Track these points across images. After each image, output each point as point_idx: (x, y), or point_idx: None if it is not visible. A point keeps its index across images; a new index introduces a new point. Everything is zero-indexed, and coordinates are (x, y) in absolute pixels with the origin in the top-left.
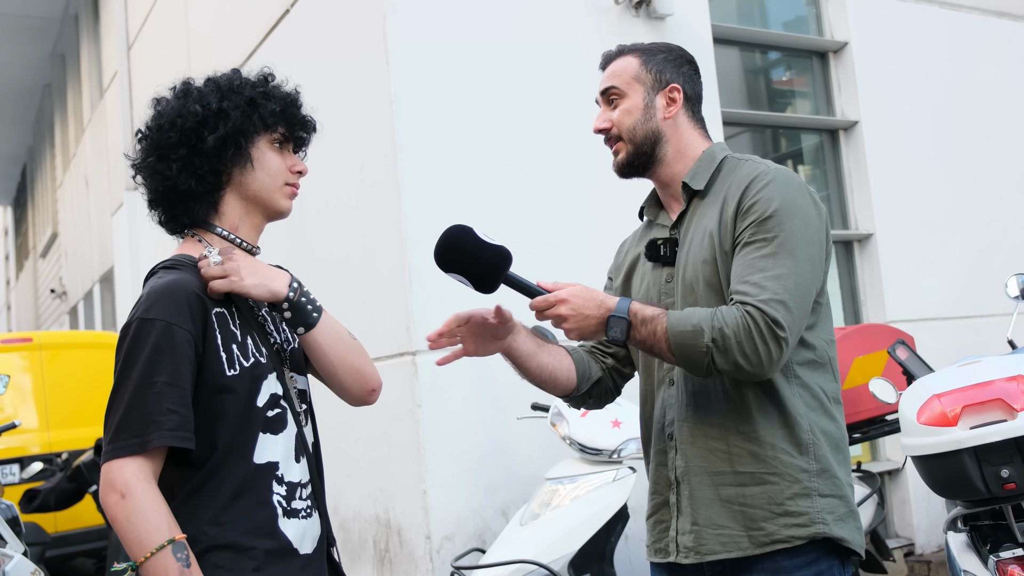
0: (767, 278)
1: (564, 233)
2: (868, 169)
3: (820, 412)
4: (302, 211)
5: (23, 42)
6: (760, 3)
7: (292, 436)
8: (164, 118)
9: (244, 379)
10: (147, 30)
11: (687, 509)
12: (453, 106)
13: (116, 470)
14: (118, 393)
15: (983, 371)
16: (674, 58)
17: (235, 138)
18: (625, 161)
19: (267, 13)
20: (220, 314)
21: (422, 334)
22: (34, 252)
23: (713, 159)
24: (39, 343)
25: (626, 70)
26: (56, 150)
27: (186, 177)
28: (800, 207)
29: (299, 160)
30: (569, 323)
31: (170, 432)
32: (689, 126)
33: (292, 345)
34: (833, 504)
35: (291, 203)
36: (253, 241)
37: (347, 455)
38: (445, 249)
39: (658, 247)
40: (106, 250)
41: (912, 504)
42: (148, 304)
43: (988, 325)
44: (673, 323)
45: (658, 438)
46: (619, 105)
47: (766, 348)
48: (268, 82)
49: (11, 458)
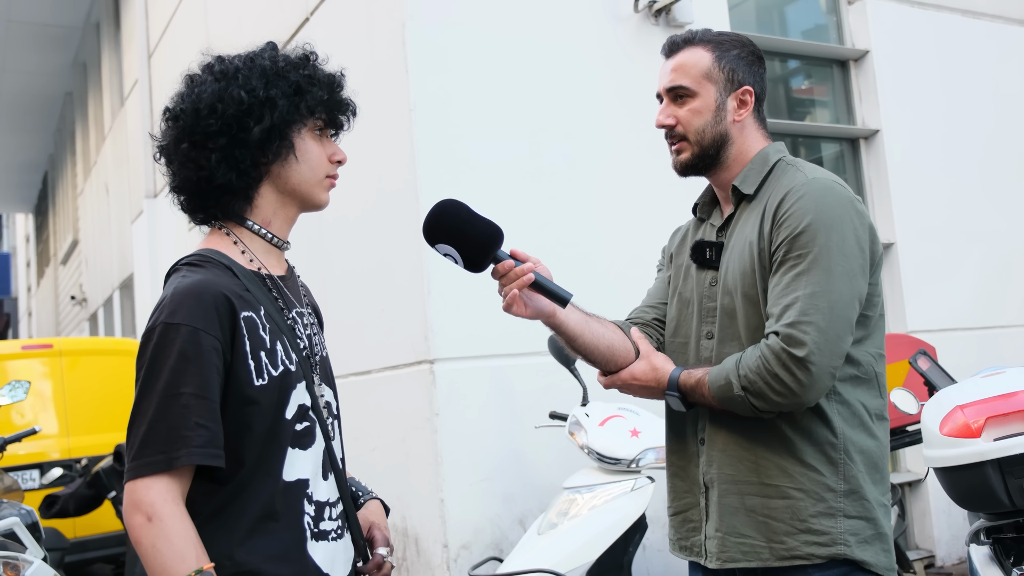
0: (796, 299)
1: (582, 240)
2: (889, 178)
3: (860, 429)
4: (320, 219)
5: (45, 51)
6: (780, 12)
7: (320, 451)
8: (203, 102)
9: (272, 390)
10: (168, 38)
11: (714, 515)
12: (471, 114)
13: (142, 490)
14: (141, 405)
15: (1007, 382)
16: (747, 55)
17: (281, 129)
18: (689, 163)
19: (287, 22)
20: (249, 319)
21: (440, 343)
22: (55, 259)
23: (766, 162)
24: (59, 349)
25: (696, 65)
26: (77, 158)
27: (225, 170)
28: (836, 219)
29: (339, 148)
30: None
31: (200, 449)
32: (754, 127)
33: (321, 352)
34: (858, 526)
35: (329, 195)
36: (284, 236)
37: (364, 464)
38: (435, 219)
39: (704, 250)
40: (126, 257)
41: (933, 516)
42: (173, 307)
43: (1011, 335)
44: (712, 381)
45: (691, 440)
46: (687, 103)
47: (792, 377)
48: (310, 61)
49: (31, 463)
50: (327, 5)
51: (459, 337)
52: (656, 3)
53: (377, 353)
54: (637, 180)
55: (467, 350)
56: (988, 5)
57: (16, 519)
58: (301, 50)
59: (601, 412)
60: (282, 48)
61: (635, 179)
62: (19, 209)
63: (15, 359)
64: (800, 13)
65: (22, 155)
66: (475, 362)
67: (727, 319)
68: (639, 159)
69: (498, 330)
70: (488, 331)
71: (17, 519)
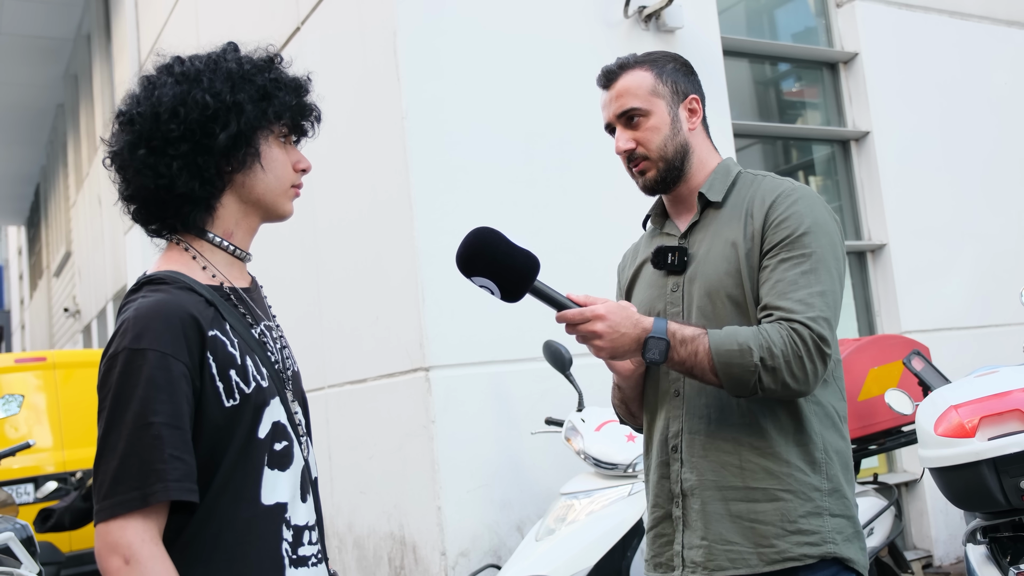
0: (811, 295)
1: (577, 246)
2: (880, 179)
3: (832, 430)
4: (315, 226)
5: (36, 63)
6: (769, 15)
7: (299, 472)
8: (163, 105)
9: (245, 408)
10: (159, 49)
11: (696, 523)
12: (464, 121)
13: (117, 531)
14: (110, 438)
15: (1000, 381)
16: (680, 67)
17: (247, 135)
18: (657, 179)
19: (278, 30)
20: (215, 338)
21: (435, 350)
22: (48, 271)
23: (728, 172)
24: (53, 362)
25: (641, 85)
26: (69, 169)
27: (187, 178)
28: (827, 225)
29: (303, 156)
30: (603, 340)
31: (176, 483)
32: (704, 136)
33: (292, 367)
34: (842, 524)
35: (293, 205)
36: (246, 246)
37: (361, 471)
38: (473, 250)
39: (666, 255)
40: (119, 268)
41: (930, 516)
42: (137, 330)
43: (1004, 334)
44: (717, 342)
45: (660, 450)
46: (642, 124)
47: (813, 366)
48: (275, 64)
49: (25, 477)
50: (318, 13)
51: (454, 344)
52: (646, 8)
53: (373, 361)
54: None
55: (463, 357)
56: (976, 6)
57: (11, 534)
58: (264, 52)
59: (597, 417)
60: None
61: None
62: (11, 222)
63: (9, 372)
64: (789, 16)
65: (14, 167)
66: (471, 369)
67: (704, 322)
68: None
69: (493, 336)
70: (483, 337)
71: (12, 534)
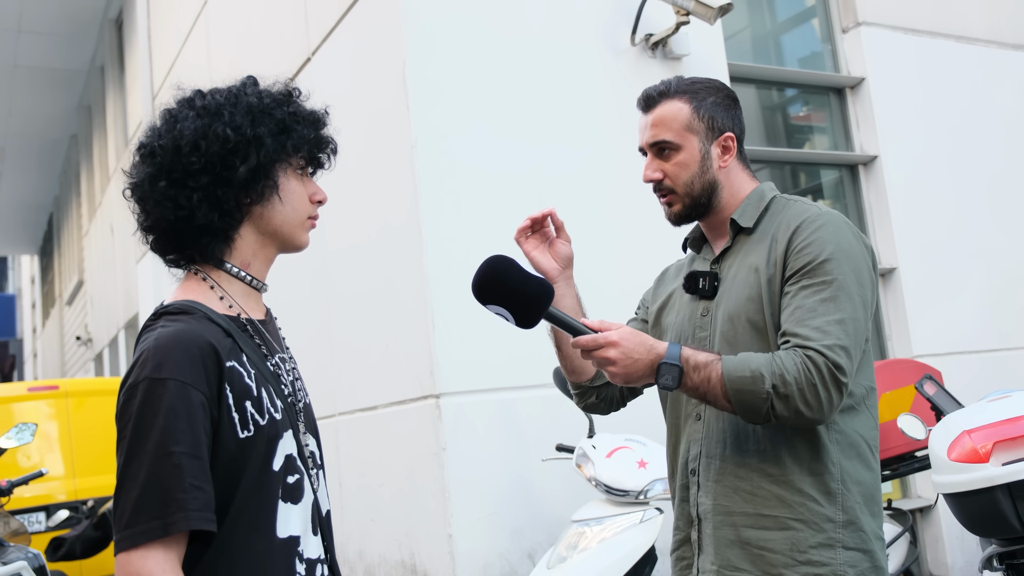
0: (829, 323)
1: (586, 268)
2: (889, 203)
3: (856, 460)
4: (325, 253)
5: (50, 94)
6: (775, 41)
7: (310, 505)
8: (184, 138)
9: (258, 440)
10: (171, 80)
11: (708, 548)
12: (473, 148)
13: (138, 561)
14: (130, 467)
15: (1013, 406)
16: (722, 99)
17: (266, 168)
18: (682, 213)
19: (288, 62)
20: (234, 368)
21: (446, 376)
22: (60, 300)
23: (763, 198)
24: (65, 391)
25: (676, 118)
26: (82, 199)
27: (207, 210)
28: (853, 251)
29: (319, 188)
30: (616, 367)
31: (196, 513)
32: (739, 168)
33: (304, 399)
34: (856, 558)
35: (309, 236)
36: (263, 277)
37: (372, 499)
38: (487, 279)
39: (697, 280)
40: (131, 297)
41: (945, 542)
42: (158, 360)
43: (1016, 358)
44: (730, 369)
45: (682, 473)
46: (673, 157)
47: (827, 395)
48: (293, 98)
49: (37, 506)
50: (328, 44)
51: (465, 370)
52: (653, 36)
53: (383, 388)
54: (641, 210)
55: (473, 383)
56: (981, 30)
57: (23, 563)
58: (283, 86)
59: (608, 444)
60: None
61: (639, 209)
62: (24, 251)
63: (21, 401)
64: (795, 42)
65: (28, 197)
66: (481, 395)
67: (726, 347)
68: (642, 189)
69: (503, 362)
70: (493, 364)
71: (24, 563)
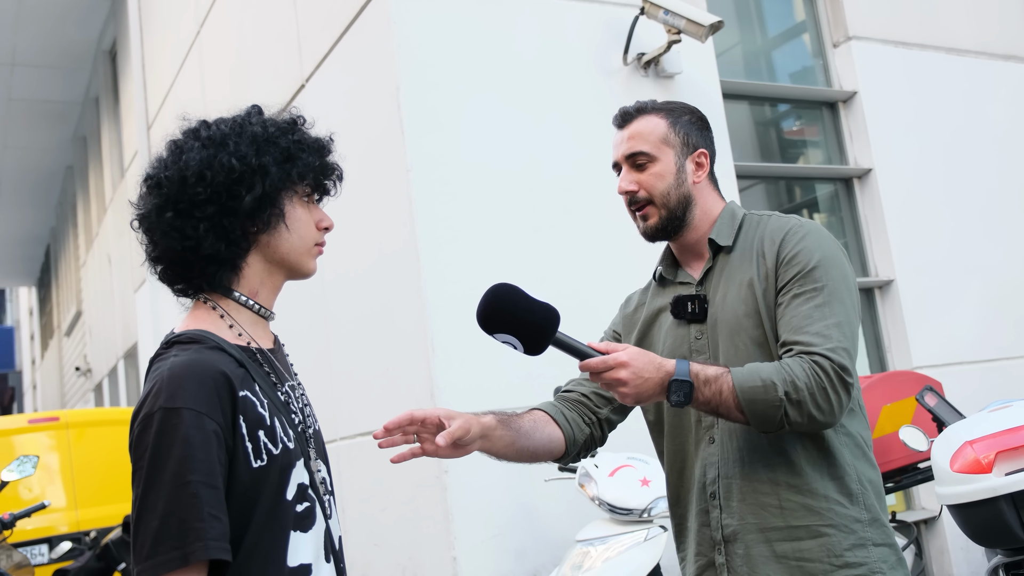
0: (828, 327)
1: (583, 292)
2: (884, 216)
3: (863, 460)
4: (322, 279)
5: (45, 126)
6: (767, 56)
7: (321, 532)
8: (190, 169)
9: (271, 470)
10: (166, 110)
11: (742, 568)
12: (467, 172)
13: None
14: (148, 498)
15: (1015, 416)
16: (696, 120)
17: (272, 197)
18: (658, 226)
19: (282, 89)
20: (247, 398)
21: (446, 400)
22: (59, 331)
23: (734, 216)
24: (66, 422)
25: (653, 131)
26: (79, 230)
27: (214, 240)
28: (838, 258)
29: (326, 215)
30: (628, 387)
31: (215, 543)
32: (710, 188)
33: (314, 426)
34: (886, 553)
35: (316, 263)
36: (270, 305)
37: (375, 524)
38: (493, 308)
39: (685, 304)
40: (129, 326)
41: (951, 553)
42: (172, 390)
43: (1016, 367)
44: (741, 380)
45: (700, 498)
46: (649, 168)
47: (837, 397)
48: (298, 126)
49: (40, 538)
50: (322, 72)
51: (465, 393)
52: (645, 55)
53: (383, 412)
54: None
55: (473, 406)
56: (972, 42)
57: None
58: (288, 114)
59: (610, 463)
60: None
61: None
62: (22, 283)
63: (22, 433)
64: (786, 57)
65: (24, 229)
66: None
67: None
68: None
69: (503, 385)
70: (493, 386)
71: None
